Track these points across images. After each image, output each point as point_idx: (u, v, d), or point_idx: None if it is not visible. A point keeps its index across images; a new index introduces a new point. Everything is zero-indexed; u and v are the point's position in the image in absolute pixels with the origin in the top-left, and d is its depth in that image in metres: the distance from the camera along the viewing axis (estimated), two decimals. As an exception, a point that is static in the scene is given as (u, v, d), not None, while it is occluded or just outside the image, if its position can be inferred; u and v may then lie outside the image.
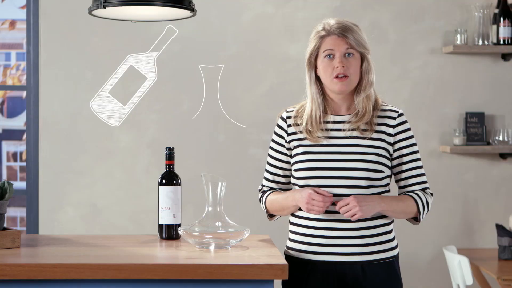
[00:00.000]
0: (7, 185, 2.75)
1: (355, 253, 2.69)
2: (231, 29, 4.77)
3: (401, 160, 2.76)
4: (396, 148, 2.76)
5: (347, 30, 2.71)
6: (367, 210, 2.63)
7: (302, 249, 2.75)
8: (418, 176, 2.76)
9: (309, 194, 2.64)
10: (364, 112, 2.74)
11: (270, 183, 2.87)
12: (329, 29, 2.72)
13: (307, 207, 2.65)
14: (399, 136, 2.76)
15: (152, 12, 3.06)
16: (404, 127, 2.77)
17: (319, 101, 2.76)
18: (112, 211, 4.75)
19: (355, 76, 2.73)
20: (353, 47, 2.71)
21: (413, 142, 2.78)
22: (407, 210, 2.72)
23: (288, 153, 2.81)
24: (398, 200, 2.71)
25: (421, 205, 2.73)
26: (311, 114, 2.76)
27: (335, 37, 2.71)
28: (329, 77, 2.71)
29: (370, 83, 2.77)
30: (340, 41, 2.71)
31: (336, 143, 2.73)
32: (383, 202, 2.67)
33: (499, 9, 4.71)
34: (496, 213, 4.83)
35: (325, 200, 2.63)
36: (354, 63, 2.72)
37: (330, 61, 2.71)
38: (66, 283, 2.44)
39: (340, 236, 2.69)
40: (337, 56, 2.70)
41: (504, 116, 4.84)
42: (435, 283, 4.81)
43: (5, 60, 9.76)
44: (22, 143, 9.41)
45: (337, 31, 2.71)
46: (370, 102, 2.75)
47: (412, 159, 2.76)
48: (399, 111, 2.80)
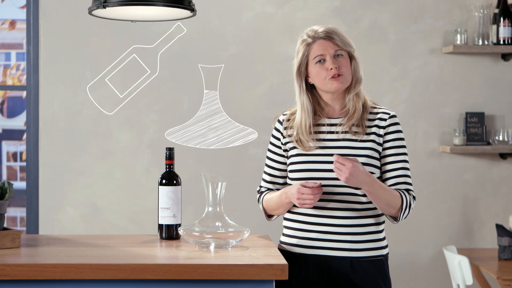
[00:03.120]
0: (7, 185, 2.75)
1: (344, 249, 2.74)
2: (231, 29, 4.77)
3: (387, 160, 2.78)
4: (384, 148, 2.78)
5: (332, 33, 2.77)
6: (352, 180, 2.64)
7: (294, 243, 2.81)
8: (403, 176, 2.78)
9: (298, 189, 2.69)
10: (354, 110, 2.78)
11: (267, 184, 2.92)
12: (314, 35, 2.78)
13: (299, 203, 2.70)
14: (388, 137, 2.79)
15: (152, 12, 3.07)
16: (394, 128, 2.80)
17: (309, 110, 2.81)
18: (112, 211, 4.75)
19: (348, 74, 2.78)
20: (341, 48, 2.77)
21: (401, 144, 2.80)
22: (389, 202, 2.72)
23: (285, 155, 2.86)
24: (385, 189, 2.72)
25: (405, 204, 2.74)
26: (301, 124, 2.80)
27: (322, 41, 2.77)
28: (324, 79, 2.76)
29: (359, 80, 2.81)
30: (327, 44, 2.76)
31: (329, 146, 2.78)
32: (370, 183, 2.67)
33: (499, 9, 4.71)
34: (496, 213, 4.83)
35: (314, 192, 2.67)
36: (345, 62, 2.77)
37: (322, 65, 2.76)
38: (66, 283, 2.44)
39: (330, 231, 2.75)
40: (328, 59, 2.75)
41: (504, 116, 4.84)
42: (435, 283, 4.81)
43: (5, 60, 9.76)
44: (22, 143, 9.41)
45: (322, 34, 2.77)
46: (360, 100, 2.79)
47: (398, 160, 2.78)
48: (391, 113, 2.83)
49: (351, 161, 2.63)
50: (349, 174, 2.62)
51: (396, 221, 2.80)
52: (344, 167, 2.63)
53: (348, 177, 2.63)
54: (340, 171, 2.63)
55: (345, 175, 2.63)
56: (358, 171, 2.63)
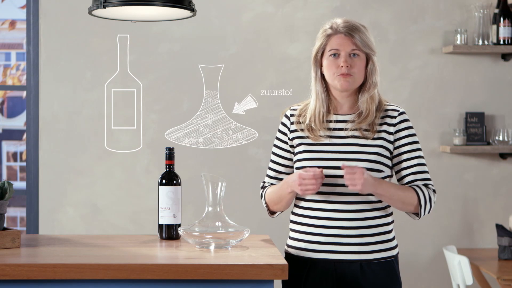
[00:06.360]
0: (7, 185, 2.75)
1: (354, 252, 2.70)
2: (231, 29, 4.77)
3: (402, 158, 2.75)
4: (397, 146, 2.76)
5: (354, 30, 2.73)
6: (367, 187, 2.63)
7: (302, 247, 2.76)
8: (420, 173, 2.75)
9: (299, 175, 2.65)
10: (367, 114, 2.75)
11: (271, 179, 2.87)
12: (336, 28, 2.74)
13: (301, 189, 2.66)
14: (399, 134, 2.76)
15: (152, 12, 3.07)
16: (405, 125, 2.77)
17: (323, 98, 2.78)
18: (112, 211, 4.75)
19: (359, 75, 2.74)
20: (359, 48, 2.73)
21: (414, 140, 2.77)
22: (405, 200, 2.70)
23: (291, 150, 2.83)
24: (397, 188, 2.70)
25: (423, 199, 2.71)
26: (315, 112, 2.77)
27: (341, 36, 2.73)
28: (333, 75, 2.73)
29: (374, 84, 2.77)
30: (346, 41, 2.72)
31: (338, 143, 2.74)
32: (380, 185, 2.66)
33: (499, 9, 4.71)
34: (496, 213, 4.83)
35: (316, 177, 2.64)
36: (359, 63, 2.74)
37: (335, 60, 2.73)
38: (66, 283, 2.44)
39: (339, 234, 2.70)
40: (342, 56, 2.72)
41: (504, 116, 4.84)
42: (435, 283, 4.81)
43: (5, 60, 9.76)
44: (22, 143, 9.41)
45: (343, 30, 2.73)
46: (374, 103, 2.76)
47: (413, 156, 2.75)
48: (400, 109, 2.80)
49: (357, 167, 2.61)
50: (363, 183, 2.60)
51: (418, 217, 2.76)
52: (355, 176, 2.61)
53: (363, 184, 2.60)
54: (353, 181, 2.61)
55: (360, 184, 2.60)
56: (368, 177, 2.61)
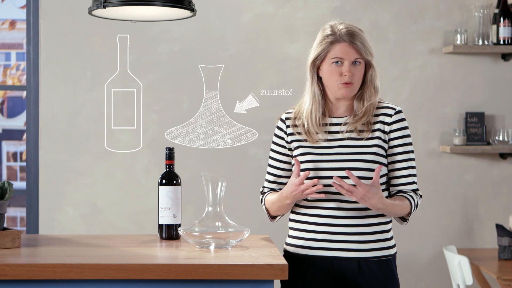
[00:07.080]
0: (7, 185, 2.75)
1: (351, 249, 2.71)
2: (231, 29, 4.77)
3: (394, 159, 2.76)
4: (390, 146, 2.76)
5: (357, 38, 2.72)
6: (368, 203, 2.64)
7: (300, 244, 2.77)
8: (409, 176, 2.76)
9: (290, 183, 2.67)
10: (363, 113, 2.75)
11: (271, 184, 2.87)
12: (339, 35, 2.72)
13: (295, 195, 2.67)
14: (393, 134, 2.76)
15: (152, 12, 3.07)
16: (400, 125, 2.77)
17: (320, 101, 2.78)
18: (112, 211, 4.75)
19: (358, 82, 2.75)
20: (362, 56, 2.73)
21: (407, 142, 2.77)
22: (401, 212, 2.74)
23: (289, 154, 2.82)
24: (396, 206, 2.70)
25: (413, 206, 2.75)
26: (311, 115, 2.77)
27: (345, 44, 2.72)
28: (335, 82, 2.73)
29: (376, 90, 2.78)
30: (350, 49, 2.71)
31: (335, 145, 2.75)
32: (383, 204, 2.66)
33: (499, 9, 4.71)
34: (496, 213, 4.83)
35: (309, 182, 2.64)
36: (360, 70, 2.74)
37: (338, 67, 2.72)
38: (66, 283, 2.44)
39: (337, 232, 2.71)
40: (346, 64, 2.71)
41: (504, 116, 4.84)
42: (435, 283, 4.81)
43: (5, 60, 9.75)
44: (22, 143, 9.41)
45: (347, 38, 2.71)
46: (372, 105, 2.77)
47: (404, 159, 2.76)
48: (396, 108, 2.80)
49: (367, 186, 2.60)
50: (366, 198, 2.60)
51: (405, 222, 2.79)
52: (360, 193, 2.60)
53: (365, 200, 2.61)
54: (351, 194, 2.61)
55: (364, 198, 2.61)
56: (371, 195, 2.61)
